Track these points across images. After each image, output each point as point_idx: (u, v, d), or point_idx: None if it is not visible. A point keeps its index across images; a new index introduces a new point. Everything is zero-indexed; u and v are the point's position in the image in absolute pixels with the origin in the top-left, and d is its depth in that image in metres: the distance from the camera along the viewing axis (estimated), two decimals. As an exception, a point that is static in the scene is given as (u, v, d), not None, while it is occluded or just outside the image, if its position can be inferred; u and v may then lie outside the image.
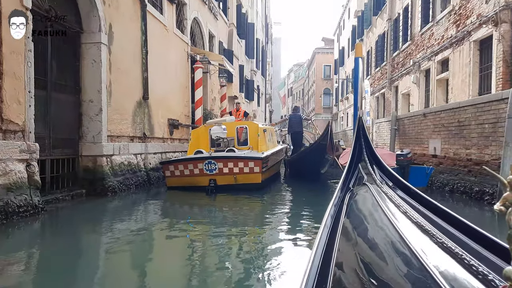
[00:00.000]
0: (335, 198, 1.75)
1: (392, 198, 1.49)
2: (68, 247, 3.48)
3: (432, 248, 0.94)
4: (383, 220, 1.27)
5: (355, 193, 1.94)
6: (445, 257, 0.87)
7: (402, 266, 0.95)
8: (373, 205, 1.51)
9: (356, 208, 1.71)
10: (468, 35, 8.94)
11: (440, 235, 0.99)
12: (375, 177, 2.07)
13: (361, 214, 1.63)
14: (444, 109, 6.81)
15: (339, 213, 1.61)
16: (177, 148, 9.13)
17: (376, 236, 1.27)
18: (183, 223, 4.47)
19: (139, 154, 7.20)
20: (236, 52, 15.60)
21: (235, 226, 4.27)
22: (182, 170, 6.67)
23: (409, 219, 1.19)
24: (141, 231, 4.08)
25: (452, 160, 6.36)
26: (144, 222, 4.64)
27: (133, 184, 6.74)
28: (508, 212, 0.55)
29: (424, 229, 1.07)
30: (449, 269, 0.81)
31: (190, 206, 5.83)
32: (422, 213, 1.28)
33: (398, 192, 1.72)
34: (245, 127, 8.01)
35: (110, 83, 6.23)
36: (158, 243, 3.77)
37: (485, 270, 0.76)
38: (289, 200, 6.38)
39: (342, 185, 2.08)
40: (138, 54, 7.24)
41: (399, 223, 1.15)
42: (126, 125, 6.75)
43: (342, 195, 1.93)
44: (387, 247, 1.11)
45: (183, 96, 9.74)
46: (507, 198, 0.56)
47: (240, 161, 6.49)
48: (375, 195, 1.59)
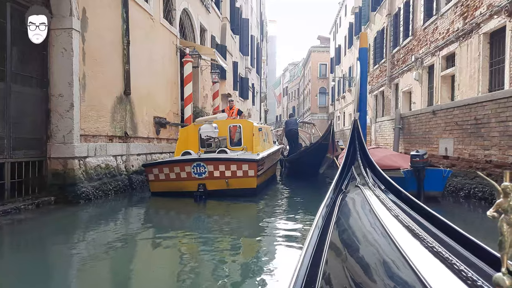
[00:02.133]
0: (327, 199, 1.74)
1: (384, 202, 1.49)
2: (25, 269, 2.81)
3: (422, 253, 0.94)
4: (374, 223, 1.27)
5: (347, 195, 1.95)
6: (435, 262, 0.87)
7: (392, 270, 0.96)
8: (365, 207, 1.51)
9: (347, 210, 1.70)
10: (477, 27, 8.34)
11: (430, 240, 1.00)
12: (368, 179, 2.08)
13: (353, 216, 1.62)
14: (457, 105, 6.18)
15: (331, 215, 1.60)
16: (164, 149, 8.40)
17: (366, 239, 1.27)
18: (167, 234, 3.95)
19: (120, 155, 6.46)
20: (229, 47, 14.89)
21: (226, 237, 3.77)
22: (168, 173, 5.96)
23: (400, 223, 1.20)
24: (119, 245, 3.50)
25: (468, 162, 5.72)
26: (122, 233, 3.99)
27: (111, 189, 6.00)
28: (501, 218, 0.57)
29: (415, 234, 1.08)
30: (438, 274, 0.82)
31: (176, 215, 5.18)
32: (413, 217, 1.28)
33: (390, 195, 1.73)
34: (238, 126, 7.31)
35: (83, 75, 5.49)
36: (139, 258, 3.28)
37: (474, 276, 0.77)
38: (287, 205, 5.70)
39: (334, 186, 2.07)
40: (119, 45, 6.50)
41: (390, 227, 1.15)
42: (103, 123, 6.01)
43: (334, 196, 1.93)
44: (377, 250, 1.11)
45: (171, 92, 9.01)
46: (500, 205, 0.58)
47: (233, 163, 5.79)
48: (367, 198, 1.59)
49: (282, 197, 6.76)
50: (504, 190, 0.58)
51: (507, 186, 0.58)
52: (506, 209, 0.58)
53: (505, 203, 0.58)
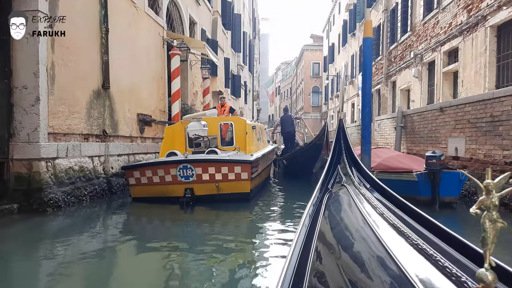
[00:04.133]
0: (314, 198, 1.74)
1: (369, 200, 1.54)
2: None
3: (407, 249, 0.96)
4: (360, 221, 1.30)
5: (333, 193, 1.96)
6: (419, 259, 0.89)
7: (378, 267, 0.96)
8: (351, 206, 1.53)
9: (334, 208, 1.70)
10: (483, 20, 7.87)
11: (415, 237, 1.02)
12: (353, 178, 2.13)
13: (339, 214, 1.61)
14: (470, 101, 5.66)
15: (317, 214, 1.60)
16: (149, 149, 7.73)
17: (352, 237, 1.27)
18: (150, 245, 3.50)
19: (97, 156, 5.78)
20: (221, 43, 14.23)
21: (216, 249, 3.31)
22: (151, 176, 5.31)
23: (385, 221, 1.22)
24: (94, 260, 3.03)
25: (483, 163, 5.20)
26: (98, 247, 3.41)
27: (87, 195, 5.33)
28: (483, 215, 0.60)
29: (399, 231, 1.09)
30: (423, 270, 0.83)
31: (160, 223, 4.57)
32: (398, 215, 1.30)
33: (375, 194, 1.76)
34: (230, 124, 6.70)
35: (52, 65, 4.80)
36: (117, 275, 2.86)
37: (458, 272, 0.79)
38: (284, 211, 5.10)
39: (321, 185, 2.04)
40: (96, 32, 5.81)
41: (375, 224, 1.16)
42: (77, 120, 5.32)
43: (320, 195, 1.94)
44: (363, 248, 1.11)
45: (157, 87, 8.33)
46: (483, 202, 0.60)
47: (224, 165, 5.18)
48: (352, 196, 1.64)
49: (278, 202, 6.16)
50: (486, 187, 0.60)
51: (489, 183, 0.60)
52: (488, 206, 0.60)
53: (487, 200, 0.60)
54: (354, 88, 20.05)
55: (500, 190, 0.60)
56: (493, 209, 0.59)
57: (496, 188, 0.59)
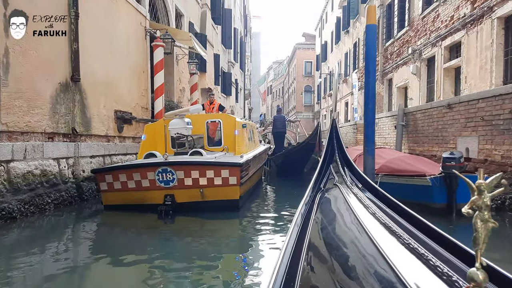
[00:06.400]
0: (306, 198, 1.72)
1: (361, 200, 1.52)
2: None
3: (398, 249, 0.95)
4: (352, 221, 1.29)
5: (325, 193, 1.95)
6: (411, 258, 0.88)
7: (370, 266, 0.95)
8: (343, 206, 1.53)
9: (326, 208, 1.70)
10: (490, 11, 7.37)
11: (406, 237, 1.02)
12: (346, 178, 2.11)
13: (331, 214, 1.61)
14: (483, 96, 5.10)
15: (310, 213, 1.59)
16: (129, 149, 7.02)
17: (345, 236, 1.26)
18: (123, 262, 3.03)
19: (65, 158, 5.06)
20: (210, 37, 13.54)
21: (199, 265, 2.94)
22: (125, 181, 4.62)
23: (377, 221, 1.20)
24: (52, 281, 2.57)
25: (500, 165, 4.66)
26: (60, 266, 2.86)
27: (50, 202, 4.62)
28: (475, 215, 0.59)
29: (391, 230, 1.09)
30: (415, 270, 0.82)
31: (136, 236, 3.96)
32: (389, 215, 1.29)
33: (367, 194, 1.72)
34: (218, 121, 6.04)
35: (6, 52, 4.08)
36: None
37: (450, 272, 0.79)
38: (278, 220, 4.46)
39: (313, 185, 2.05)
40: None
41: (367, 224, 1.15)
42: (39, 117, 4.60)
43: (313, 195, 1.92)
44: (355, 248, 1.10)
45: (138, 82, 7.62)
46: (475, 202, 0.60)
47: (209, 168, 4.52)
48: (345, 196, 1.62)
49: (271, 208, 5.52)
50: (478, 187, 0.60)
51: (481, 183, 0.60)
52: (480, 206, 0.60)
53: (479, 200, 0.60)
54: (348, 87, 19.56)
55: (492, 190, 0.60)
56: (484, 209, 0.59)
57: (488, 188, 0.60)
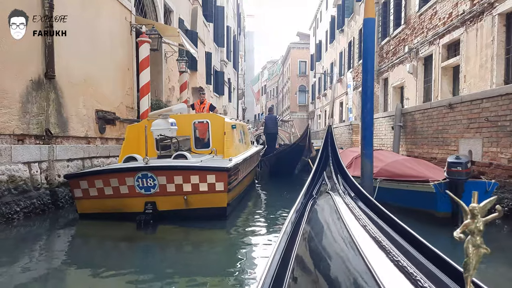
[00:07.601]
0: (297, 205, 1.69)
1: (353, 210, 1.50)
2: None
3: (387, 266, 0.93)
4: (342, 232, 1.28)
5: (317, 201, 1.92)
6: (400, 277, 0.87)
7: (357, 282, 0.94)
8: (334, 215, 1.51)
9: (317, 216, 1.68)
10: (490, 7, 7.09)
11: (396, 254, 1.00)
12: (338, 186, 2.08)
13: (322, 223, 1.60)
14: (488, 96, 4.80)
15: (300, 220, 1.57)
16: (112, 152, 6.60)
17: (334, 247, 1.26)
18: (99, 276, 2.80)
19: (37, 162, 4.64)
20: (201, 35, 13.13)
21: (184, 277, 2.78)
22: (101, 187, 4.22)
23: (368, 234, 1.19)
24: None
25: (506, 170, 4.35)
26: (27, 279, 2.64)
27: (20, 211, 4.20)
28: (467, 239, 0.58)
29: (381, 246, 1.07)
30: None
31: (114, 247, 3.64)
32: (381, 228, 1.28)
33: (359, 203, 1.71)
34: (206, 122, 5.66)
35: (-35, 44, 3.66)
36: None
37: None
38: (269, 229, 4.10)
39: (305, 191, 2.01)
40: (35, 8, 4.66)
41: (357, 237, 1.14)
42: (6, 117, 4.18)
43: (304, 201, 1.89)
44: (343, 259, 1.11)
45: (123, 80, 7.20)
46: (468, 225, 0.58)
47: (194, 173, 4.14)
48: (336, 205, 1.59)
49: (262, 215, 5.16)
50: (471, 211, 0.57)
51: (474, 207, 0.58)
52: (472, 231, 0.58)
53: (472, 224, 0.57)
54: (343, 87, 19.28)
55: (485, 214, 0.57)
56: (477, 234, 0.57)
57: (481, 212, 0.58)
